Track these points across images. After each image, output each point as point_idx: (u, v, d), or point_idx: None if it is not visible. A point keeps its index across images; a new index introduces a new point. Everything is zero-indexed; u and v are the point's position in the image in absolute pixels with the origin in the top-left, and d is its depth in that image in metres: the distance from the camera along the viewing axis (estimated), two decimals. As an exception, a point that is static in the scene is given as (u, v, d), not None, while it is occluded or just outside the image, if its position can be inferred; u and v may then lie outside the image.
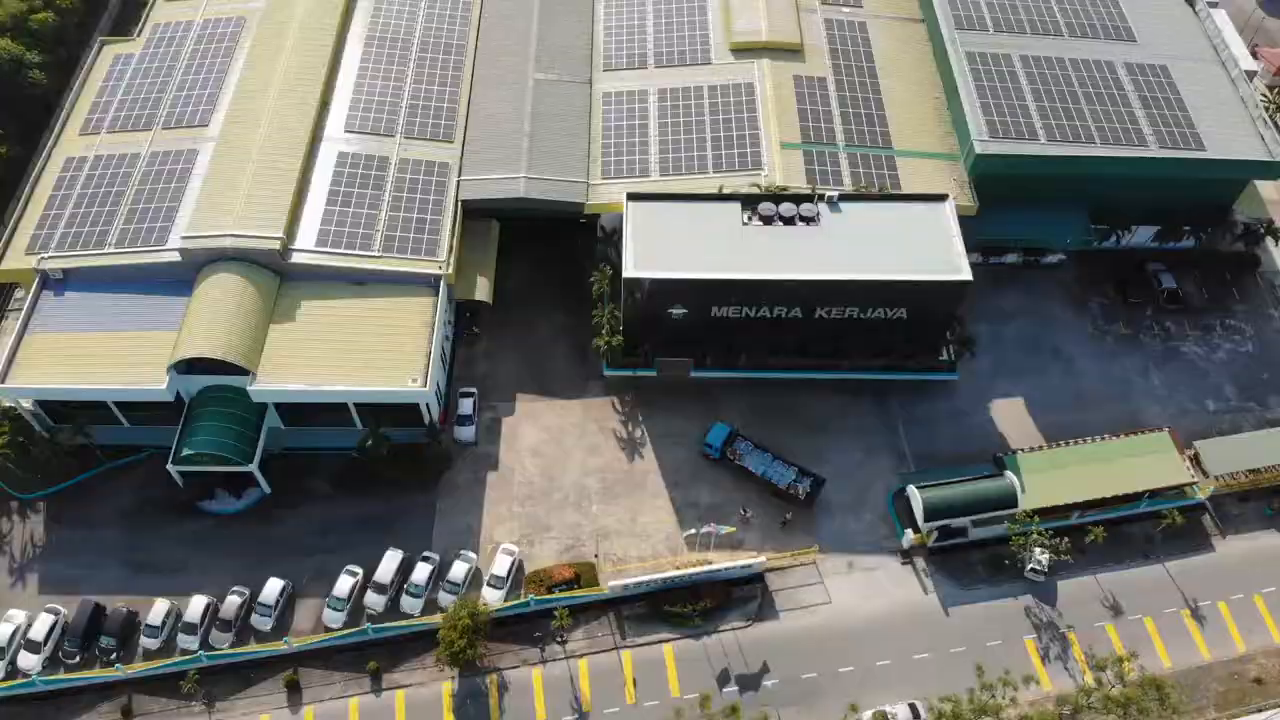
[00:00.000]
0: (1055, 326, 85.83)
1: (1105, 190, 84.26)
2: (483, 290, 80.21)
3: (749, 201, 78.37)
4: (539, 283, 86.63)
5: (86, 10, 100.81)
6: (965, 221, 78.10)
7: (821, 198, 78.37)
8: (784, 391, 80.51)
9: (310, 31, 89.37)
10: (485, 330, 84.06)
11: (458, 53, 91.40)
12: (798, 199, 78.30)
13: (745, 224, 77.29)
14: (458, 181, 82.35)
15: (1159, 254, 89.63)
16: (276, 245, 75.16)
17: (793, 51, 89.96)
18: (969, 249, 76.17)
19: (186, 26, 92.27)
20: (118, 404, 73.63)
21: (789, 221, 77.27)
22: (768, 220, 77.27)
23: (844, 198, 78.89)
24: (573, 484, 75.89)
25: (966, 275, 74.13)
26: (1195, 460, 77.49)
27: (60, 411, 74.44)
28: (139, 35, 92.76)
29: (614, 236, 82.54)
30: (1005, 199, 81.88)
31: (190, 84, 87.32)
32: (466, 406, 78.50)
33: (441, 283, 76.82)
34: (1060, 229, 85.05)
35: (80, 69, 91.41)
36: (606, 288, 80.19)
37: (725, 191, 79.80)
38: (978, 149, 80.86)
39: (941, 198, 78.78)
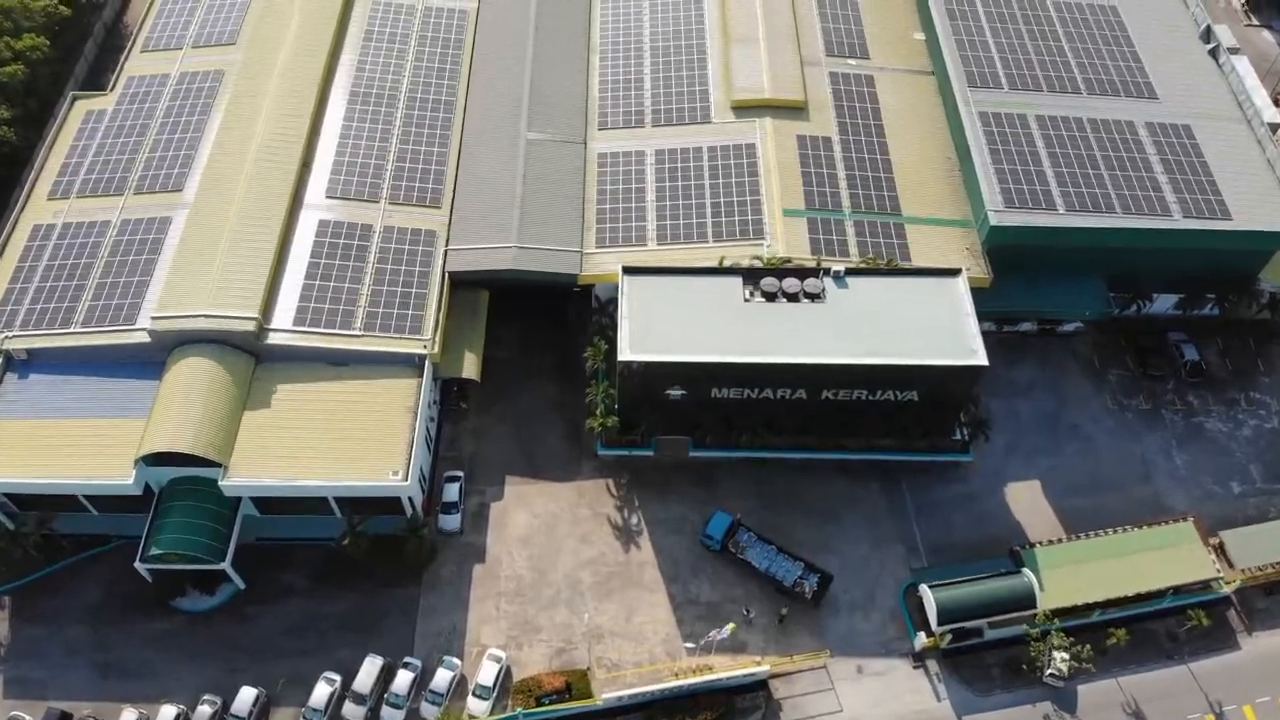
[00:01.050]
0: (1072, 401, 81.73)
1: (1126, 259, 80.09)
2: (471, 367, 76.12)
3: (751, 276, 74.40)
4: (530, 351, 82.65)
5: (59, 59, 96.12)
6: (978, 293, 74.24)
7: (827, 272, 74.43)
8: (787, 472, 76.60)
9: (291, 87, 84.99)
10: (473, 404, 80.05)
11: (446, 109, 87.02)
12: (802, 273, 74.32)
13: (747, 300, 73.31)
14: (445, 251, 78.30)
15: (1180, 322, 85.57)
16: (252, 326, 71.11)
17: (796, 109, 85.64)
18: (981, 318, 72.31)
19: (162, 80, 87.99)
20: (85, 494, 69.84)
21: (793, 298, 73.27)
22: (770, 297, 73.28)
23: (851, 271, 74.85)
24: (564, 578, 71.84)
25: (982, 360, 70.08)
26: (1220, 550, 73.50)
27: (24, 500, 70.55)
28: (112, 89, 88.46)
29: (609, 306, 78.54)
30: (1021, 267, 77.95)
31: (165, 144, 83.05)
32: (452, 492, 74.41)
33: (426, 362, 72.83)
34: (1078, 300, 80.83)
35: (50, 125, 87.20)
36: (601, 363, 76.22)
37: (726, 264, 75.80)
38: (993, 220, 76.66)
39: (954, 272, 74.82)
